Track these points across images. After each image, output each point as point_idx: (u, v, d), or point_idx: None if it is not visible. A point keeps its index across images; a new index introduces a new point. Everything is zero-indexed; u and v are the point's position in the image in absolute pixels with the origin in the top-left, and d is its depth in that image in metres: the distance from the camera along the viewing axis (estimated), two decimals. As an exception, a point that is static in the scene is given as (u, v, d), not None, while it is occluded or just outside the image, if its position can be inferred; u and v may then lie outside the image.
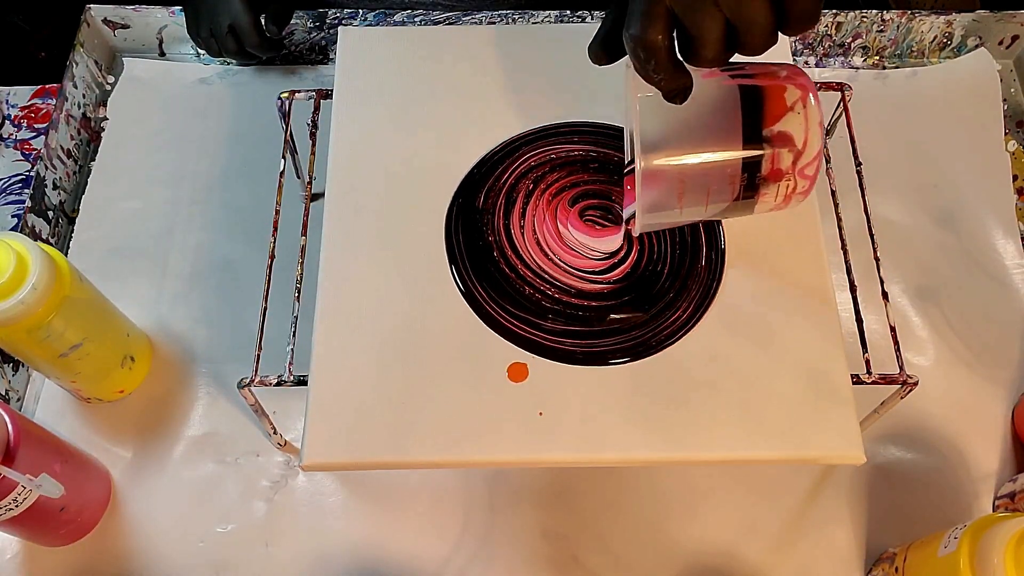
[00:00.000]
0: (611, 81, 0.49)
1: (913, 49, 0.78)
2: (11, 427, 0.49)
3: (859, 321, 0.53)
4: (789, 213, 0.54)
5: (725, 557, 0.58)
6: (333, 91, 0.58)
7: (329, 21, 0.76)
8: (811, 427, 0.48)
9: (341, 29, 0.61)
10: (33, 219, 0.66)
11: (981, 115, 0.74)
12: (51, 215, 0.68)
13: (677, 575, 0.57)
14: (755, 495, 0.59)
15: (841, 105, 0.61)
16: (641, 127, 0.45)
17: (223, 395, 0.63)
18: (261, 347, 0.52)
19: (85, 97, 0.74)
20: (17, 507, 0.50)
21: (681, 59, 0.41)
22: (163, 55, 0.78)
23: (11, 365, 0.63)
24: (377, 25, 0.75)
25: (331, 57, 0.77)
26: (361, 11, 0.76)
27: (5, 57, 1.05)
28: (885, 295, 0.54)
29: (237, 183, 0.71)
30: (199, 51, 0.77)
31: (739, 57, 0.42)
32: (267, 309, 0.53)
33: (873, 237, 0.56)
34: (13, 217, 0.70)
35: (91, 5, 0.75)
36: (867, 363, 0.52)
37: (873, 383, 0.51)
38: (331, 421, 0.48)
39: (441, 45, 0.60)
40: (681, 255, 0.53)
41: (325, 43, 0.77)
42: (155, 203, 0.70)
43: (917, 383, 0.51)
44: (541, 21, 0.74)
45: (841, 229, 0.56)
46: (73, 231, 0.69)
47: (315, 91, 0.59)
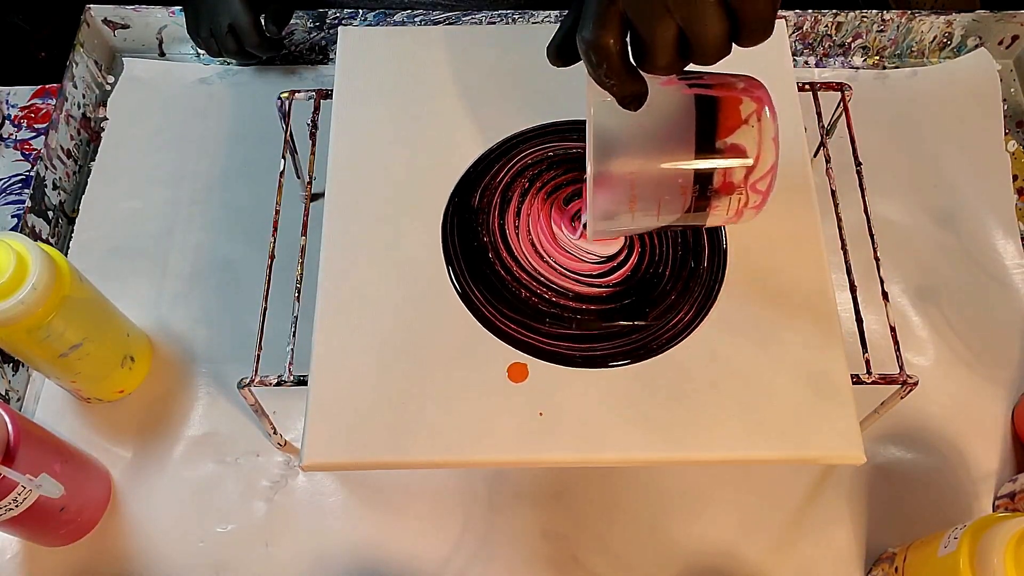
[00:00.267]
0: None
1: (913, 49, 0.78)
2: (11, 427, 0.49)
3: (859, 321, 0.53)
4: (789, 213, 0.54)
5: (725, 557, 0.58)
6: (333, 91, 0.58)
7: (329, 21, 0.76)
8: (811, 427, 0.48)
9: (341, 29, 0.61)
10: (33, 219, 0.66)
11: (981, 115, 0.74)
12: (51, 215, 0.68)
13: (677, 575, 0.57)
14: (755, 495, 0.59)
15: (841, 105, 0.61)
16: (595, 132, 0.44)
17: (223, 395, 0.63)
18: (261, 347, 0.52)
19: (85, 97, 0.74)
20: (17, 507, 0.50)
21: (635, 65, 0.41)
22: (163, 55, 0.78)
23: (11, 365, 0.63)
24: (377, 25, 0.75)
25: (331, 57, 0.77)
26: (361, 11, 0.76)
27: (5, 57, 1.05)
28: (885, 295, 0.54)
29: (237, 183, 0.71)
30: (199, 51, 0.77)
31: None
32: (267, 309, 0.53)
33: (873, 237, 0.56)
34: (13, 217, 0.70)
35: (91, 5, 0.75)
36: (867, 363, 0.52)
37: (873, 383, 0.51)
38: (331, 421, 0.48)
39: (441, 45, 0.60)
40: (683, 256, 0.53)
41: (325, 43, 0.77)
42: (155, 203, 0.70)
43: (917, 383, 0.51)
44: (541, 21, 0.74)
45: (841, 229, 0.56)
46: (73, 231, 0.69)
47: (315, 91, 0.59)
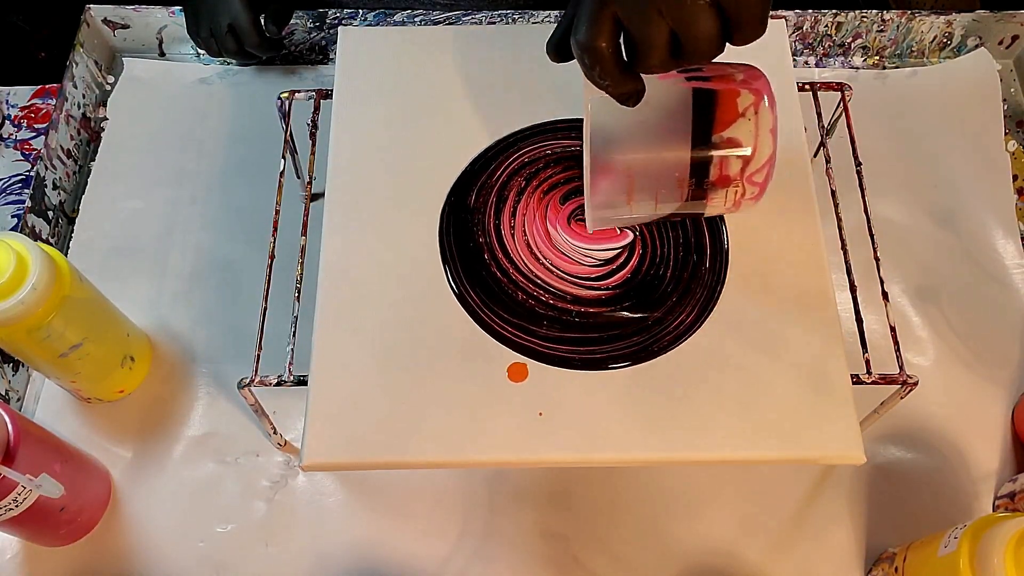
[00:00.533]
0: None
1: (913, 49, 0.78)
2: (11, 427, 0.49)
3: (859, 321, 0.53)
4: (789, 213, 0.54)
5: (725, 557, 0.58)
6: (333, 91, 0.58)
7: (329, 21, 0.76)
8: (811, 427, 0.48)
9: (341, 29, 0.61)
10: (33, 219, 0.66)
11: (981, 115, 0.74)
12: (51, 215, 0.68)
13: (677, 575, 0.57)
14: (755, 495, 0.59)
15: (841, 105, 0.61)
16: (593, 125, 0.45)
17: (223, 395, 0.63)
18: (261, 347, 0.52)
19: (85, 97, 0.74)
20: (17, 507, 0.50)
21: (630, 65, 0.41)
22: (163, 55, 0.78)
23: (11, 365, 0.63)
24: (377, 25, 0.75)
25: (331, 57, 0.77)
26: (361, 11, 0.76)
27: (5, 57, 1.05)
28: (885, 295, 0.54)
29: (237, 183, 0.71)
30: (199, 51, 0.77)
31: None
32: (267, 309, 0.53)
33: (873, 237, 0.56)
34: (13, 217, 0.70)
35: (91, 5, 0.75)
36: (867, 363, 0.52)
37: (873, 383, 0.51)
38: (331, 421, 0.48)
39: (441, 45, 0.60)
40: (685, 257, 0.53)
41: (325, 43, 0.77)
42: (155, 203, 0.70)
43: (917, 383, 0.51)
44: (541, 21, 0.74)
45: (841, 229, 0.56)
46: (73, 231, 0.69)
47: (315, 91, 0.59)
